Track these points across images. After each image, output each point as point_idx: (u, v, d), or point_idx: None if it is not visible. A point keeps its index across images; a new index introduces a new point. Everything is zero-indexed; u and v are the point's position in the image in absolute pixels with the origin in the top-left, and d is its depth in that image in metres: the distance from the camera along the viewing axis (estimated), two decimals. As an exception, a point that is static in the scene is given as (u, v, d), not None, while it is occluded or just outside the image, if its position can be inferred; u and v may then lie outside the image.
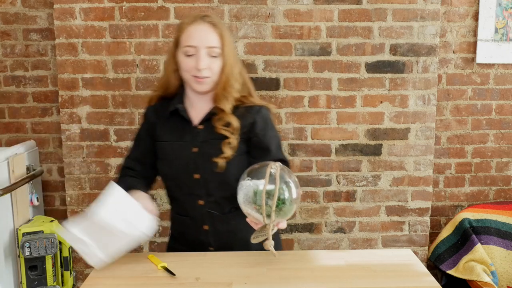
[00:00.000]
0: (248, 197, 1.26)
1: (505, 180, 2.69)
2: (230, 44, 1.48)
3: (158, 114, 1.56)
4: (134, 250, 2.54)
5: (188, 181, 1.49)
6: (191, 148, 1.49)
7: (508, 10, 2.52)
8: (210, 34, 1.44)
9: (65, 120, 2.44)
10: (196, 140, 1.49)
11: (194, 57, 1.43)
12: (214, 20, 1.46)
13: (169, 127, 1.53)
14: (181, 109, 1.51)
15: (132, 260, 1.40)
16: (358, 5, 2.38)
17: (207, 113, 1.50)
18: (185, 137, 1.50)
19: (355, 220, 2.54)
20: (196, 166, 1.48)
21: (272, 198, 1.23)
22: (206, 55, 1.43)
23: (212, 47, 1.43)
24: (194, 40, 1.43)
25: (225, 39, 1.45)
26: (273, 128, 1.55)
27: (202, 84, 1.46)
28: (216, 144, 1.46)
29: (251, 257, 1.43)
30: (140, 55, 2.40)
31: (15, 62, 2.54)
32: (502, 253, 2.47)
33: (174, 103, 1.52)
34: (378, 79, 2.44)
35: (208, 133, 1.49)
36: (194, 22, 1.45)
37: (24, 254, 2.17)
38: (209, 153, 1.47)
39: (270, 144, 1.51)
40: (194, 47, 1.43)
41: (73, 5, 2.35)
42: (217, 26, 1.45)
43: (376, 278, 1.31)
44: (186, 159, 1.48)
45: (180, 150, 1.49)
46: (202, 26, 1.44)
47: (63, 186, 2.58)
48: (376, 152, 2.49)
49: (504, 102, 2.62)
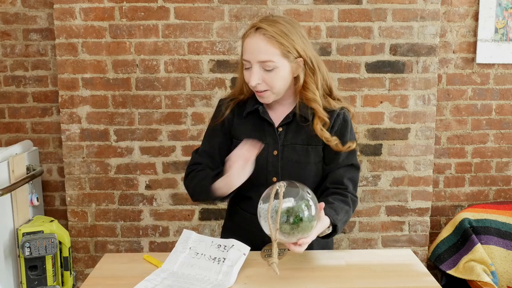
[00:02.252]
0: (265, 219, 1.22)
1: (505, 180, 2.69)
2: (296, 47, 1.38)
3: (234, 110, 1.52)
4: (134, 250, 2.55)
5: (264, 183, 1.44)
6: (272, 151, 1.46)
7: (508, 10, 2.52)
8: (262, 48, 1.35)
9: (65, 120, 2.44)
10: (277, 143, 1.46)
11: (250, 70, 1.39)
12: (269, 31, 1.35)
13: (248, 126, 1.49)
14: (262, 110, 1.47)
15: (132, 260, 1.40)
16: (358, 5, 2.38)
17: (287, 115, 1.46)
18: (265, 139, 1.47)
19: (355, 220, 2.54)
20: (275, 169, 1.45)
21: (289, 215, 1.19)
22: (260, 69, 1.37)
23: (265, 62, 1.36)
24: (247, 54, 1.38)
25: (285, 46, 1.36)
26: (351, 131, 1.50)
27: (262, 97, 1.42)
28: (297, 148, 1.45)
29: (251, 257, 1.43)
30: (140, 55, 2.40)
31: (15, 62, 2.54)
32: (502, 253, 2.47)
33: (252, 103, 1.48)
34: (378, 79, 2.44)
35: (288, 137, 1.46)
36: (249, 34, 1.39)
37: (24, 254, 2.17)
38: (290, 157, 1.45)
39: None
40: (249, 62, 1.38)
41: (73, 5, 2.35)
42: (272, 36, 1.35)
43: (376, 278, 1.31)
44: (266, 161, 1.45)
45: (260, 151, 1.44)
46: (254, 40, 1.37)
47: (63, 186, 2.59)
48: (376, 152, 2.49)
49: (504, 102, 2.62)
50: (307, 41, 1.45)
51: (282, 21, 1.39)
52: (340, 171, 1.48)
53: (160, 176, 2.49)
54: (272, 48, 1.36)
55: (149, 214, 2.52)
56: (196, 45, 2.39)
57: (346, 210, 1.43)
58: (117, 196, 2.50)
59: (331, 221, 1.34)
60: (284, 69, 1.39)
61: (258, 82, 1.38)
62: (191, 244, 1.38)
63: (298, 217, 1.19)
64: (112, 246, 2.53)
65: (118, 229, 2.52)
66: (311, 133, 1.45)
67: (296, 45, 1.39)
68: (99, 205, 2.50)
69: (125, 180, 2.49)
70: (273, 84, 1.39)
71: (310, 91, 1.43)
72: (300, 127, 1.46)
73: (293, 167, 1.44)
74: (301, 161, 1.45)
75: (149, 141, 2.47)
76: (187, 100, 2.43)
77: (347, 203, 1.44)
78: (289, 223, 1.18)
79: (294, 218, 1.19)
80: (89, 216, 2.51)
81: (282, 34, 1.36)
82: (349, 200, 1.46)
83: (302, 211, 1.19)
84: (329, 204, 1.39)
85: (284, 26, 1.38)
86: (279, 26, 1.37)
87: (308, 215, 1.20)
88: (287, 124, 1.47)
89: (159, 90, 2.43)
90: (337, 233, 1.39)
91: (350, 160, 1.49)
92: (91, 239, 2.53)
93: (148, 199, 2.51)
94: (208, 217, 2.52)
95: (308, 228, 1.21)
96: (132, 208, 2.51)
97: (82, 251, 2.54)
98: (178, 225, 2.53)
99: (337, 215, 1.37)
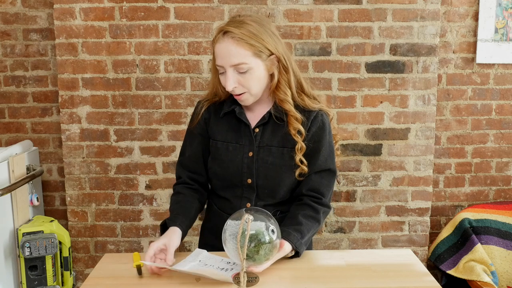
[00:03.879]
0: (234, 237, 1.24)
1: (505, 180, 2.69)
2: (267, 46, 1.37)
3: (210, 109, 1.51)
4: (134, 250, 2.55)
5: (239, 184, 1.45)
6: (248, 152, 1.45)
7: (508, 10, 2.52)
8: (233, 51, 1.34)
9: (65, 120, 2.44)
10: (253, 144, 1.45)
11: (224, 75, 1.38)
12: (236, 33, 1.33)
13: (224, 126, 1.49)
14: (239, 111, 1.46)
15: (132, 260, 1.40)
16: (358, 5, 2.38)
17: (263, 116, 1.46)
18: (241, 140, 1.46)
19: (355, 220, 2.54)
20: (250, 171, 1.44)
21: (255, 242, 1.22)
22: (234, 73, 1.36)
23: (238, 65, 1.35)
24: (219, 59, 1.37)
25: (256, 46, 1.35)
26: (329, 134, 1.48)
27: (241, 100, 1.42)
28: (272, 150, 1.44)
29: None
30: (140, 55, 2.40)
31: (15, 62, 2.54)
32: (502, 253, 2.47)
33: (228, 103, 1.48)
34: (378, 79, 2.44)
35: (264, 138, 1.45)
36: (218, 39, 1.37)
37: (24, 254, 2.16)
38: (265, 159, 1.44)
39: (321, 151, 1.46)
40: (222, 67, 1.37)
41: (73, 5, 2.35)
42: (240, 39, 1.34)
43: (376, 278, 1.31)
44: (241, 162, 1.44)
45: (235, 152, 1.45)
46: (224, 44, 1.35)
47: (63, 186, 2.58)
48: (376, 152, 2.49)
49: (504, 102, 2.62)
50: (278, 39, 1.43)
51: (249, 21, 1.37)
52: (316, 176, 1.46)
53: (160, 176, 2.49)
54: (242, 50, 1.34)
55: (149, 214, 2.52)
56: (196, 45, 2.39)
57: (314, 228, 1.44)
58: (117, 196, 2.50)
59: (293, 247, 1.36)
60: (258, 69, 1.38)
61: (234, 85, 1.37)
62: (201, 258, 1.38)
63: (259, 243, 1.23)
64: (112, 246, 2.53)
65: (118, 229, 2.52)
66: (287, 134, 1.44)
67: (266, 44, 1.37)
68: (99, 205, 2.50)
69: (125, 180, 2.49)
70: (249, 86, 1.38)
71: (282, 91, 1.42)
72: (276, 128, 1.45)
73: (268, 169, 1.43)
74: (276, 163, 1.44)
75: (149, 141, 2.47)
76: (187, 100, 2.43)
77: (317, 219, 1.45)
78: (249, 248, 1.22)
79: (253, 248, 1.23)
80: (89, 216, 2.51)
81: (251, 35, 1.35)
82: (320, 216, 1.45)
83: (262, 241, 1.23)
84: (297, 225, 1.40)
85: (252, 26, 1.36)
86: (247, 26, 1.35)
87: (267, 247, 1.24)
88: (263, 125, 1.46)
89: (159, 90, 2.43)
90: (298, 256, 1.41)
91: (328, 164, 1.47)
92: (91, 239, 2.53)
93: (148, 199, 2.51)
94: (208, 217, 2.51)
95: (264, 257, 1.25)
96: (132, 208, 2.51)
97: (82, 251, 2.54)
98: (178, 225, 2.52)
99: (301, 239, 1.38)
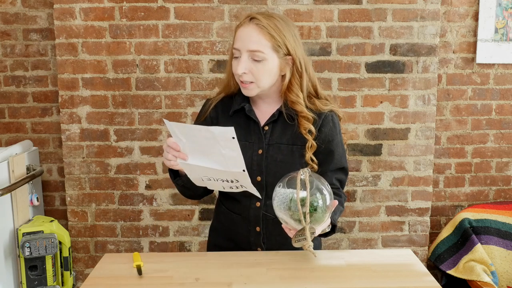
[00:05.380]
0: (283, 204, 1.26)
1: (505, 180, 2.69)
2: (286, 44, 1.38)
3: (218, 108, 1.51)
4: (134, 250, 2.55)
5: None
6: (257, 150, 1.44)
7: (508, 10, 2.52)
8: (254, 37, 1.36)
9: (65, 120, 2.44)
10: (262, 142, 1.45)
11: (238, 59, 1.39)
12: (262, 22, 1.36)
13: (232, 124, 1.46)
14: (248, 109, 1.46)
15: (132, 260, 1.40)
16: (358, 5, 2.38)
17: (272, 114, 1.45)
18: (251, 138, 1.46)
19: (355, 220, 2.54)
20: (260, 168, 1.44)
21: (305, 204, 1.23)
22: (248, 59, 1.37)
23: (254, 51, 1.36)
24: (238, 42, 1.38)
25: (276, 40, 1.37)
26: (340, 134, 1.49)
27: (246, 89, 1.41)
28: (282, 148, 1.44)
29: (251, 257, 1.43)
30: (140, 55, 2.40)
31: (15, 62, 2.54)
32: (502, 253, 2.47)
33: (238, 101, 1.48)
34: (378, 79, 2.44)
35: (274, 136, 1.45)
36: (243, 23, 1.39)
37: (24, 254, 2.17)
38: (274, 157, 1.43)
39: (335, 151, 1.47)
40: (239, 50, 1.38)
41: (73, 5, 2.35)
42: (264, 27, 1.36)
43: (376, 278, 1.31)
44: (250, 160, 1.43)
45: (244, 150, 1.41)
46: (247, 29, 1.37)
47: (63, 186, 2.59)
48: (376, 152, 2.49)
49: (504, 102, 2.62)
50: (299, 42, 1.44)
51: (277, 17, 1.41)
52: (332, 173, 1.48)
53: (160, 176, 2.49)
54: (263, 39, 1.36)
55: (149, 214, 2.52)
56: (196, 45, 2.39)
57: (341, 210, 1.46)
58: (117, 196, 2.50)
59: (331, 221, 1.37)
60: (272, 62, 1.39)
61: (244, 71, 1.37)
62: (180, 136, 1.32)
63: (313, 206, 1.24)
64: (112, 246, 2.53)
65: (118, 229, 2.53)
66: (296, 132, 1.44)
67: (287, 42, 1.39)
68: (99, 205, 2.50)
69: (125, 180, 2.49)
70: (259, 76, 1.39)
71: (294, 93, 1.43)
72: (286, 126, 1.46)
73: (278, 167, 1.43)
74: (285, 160, 1.44)
75: (149, 141, 2.47)
76: (187, 100, 2.43)
77: (341, 203, 1.46)
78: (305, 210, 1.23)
79: (310, 207, 1.23)
80: (89, 216, 2.51)
81: (275, 28, 1.37)
82: (342, 200, 1.48)
83: (317, 201, 1.24)
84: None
85: (279, 21, 1.39)
86: (274, 20, 1.38)
87: (322, 206, 1.25)
88: (273, 123, 1.46)
89: (159, 90, 2.43)
90: (334, 233, 1.42)
91: (343, 163, 1.50)
92: (91, 239, 2.53)
93: (148, 199, 2.51)
94: (208, 217, 2.52)
95: (320, 219, 1.26)
96: (132, 208, 2.51)
97: (82, 251, 2.54)
98: (178, 225, 2.53)
99: (335, 215, 1.40)
